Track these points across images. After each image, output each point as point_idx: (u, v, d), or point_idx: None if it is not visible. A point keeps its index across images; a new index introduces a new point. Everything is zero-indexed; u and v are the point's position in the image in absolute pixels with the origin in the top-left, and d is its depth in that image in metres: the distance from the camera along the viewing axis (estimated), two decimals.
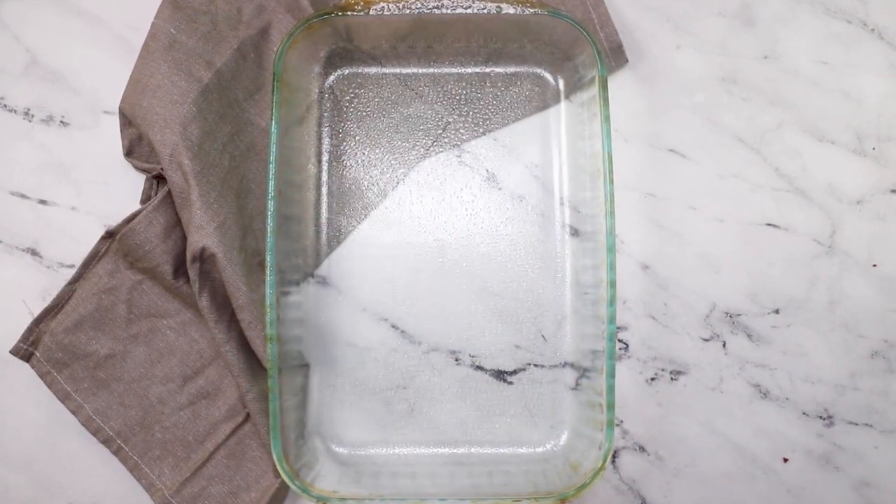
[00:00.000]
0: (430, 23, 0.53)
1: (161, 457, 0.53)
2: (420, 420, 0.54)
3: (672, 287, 0.56)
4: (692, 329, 0.56)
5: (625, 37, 0.57)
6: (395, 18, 0.52)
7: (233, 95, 0.55)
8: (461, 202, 0.56)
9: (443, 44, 0.56)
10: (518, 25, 0.53)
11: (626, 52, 0.57)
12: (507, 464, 0.53)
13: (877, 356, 0.56)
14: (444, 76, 0.57)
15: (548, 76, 0.57)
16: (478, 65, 0.57)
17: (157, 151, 0.51)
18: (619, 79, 0.57)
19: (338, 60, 0.57)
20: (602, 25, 0.56)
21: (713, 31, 0.58)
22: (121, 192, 0.56)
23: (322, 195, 0.56)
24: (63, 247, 0.56)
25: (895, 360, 0.55)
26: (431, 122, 0.57)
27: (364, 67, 0.57)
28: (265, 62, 0.56)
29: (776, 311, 0.56)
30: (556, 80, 0.57)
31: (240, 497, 0.53)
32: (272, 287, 0.49)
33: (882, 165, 0.57)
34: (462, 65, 0.57)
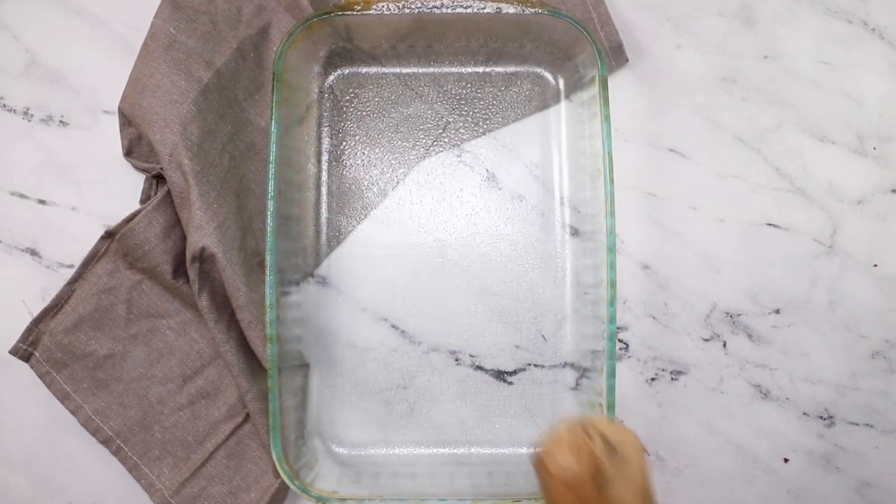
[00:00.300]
0: (430, 23, 0.53)
1: (160, 457, 0.53)
2: (420, 420, 0.54)
3: (672, 287, 0.56)
4: (692, 329, 0.56)
5: (625, 36, 0.57)
6: (395, 18, 0.52)
7: (232, 95, 0.55)
8: (461, 202, 0.56)
9: (443, 44, 0.56)
10: (518, 25, 0.53)
11: (627, 52, 0.57)
12: (507, 464, 0.53)
13: (877, 356, 0.56)
14: (444, 76, 0.57)
15: (548, 76, 0.57)
16: (478, 65, 0.57)
17: (157, 151, 0.51)
18: (620, 78, 0.57)
19: (338, 60, 0.57)
20: (602, 25, 0.56)
21: (713, 31, 0.58)
22: (120, 192, 0.56)
23: (322, 195, 0.56)
24: (62, 247, 0.56)
25: None
26: (431, 122, 0.57)
27: (364, 67, 0.57)
28: (265, 62, 0.56)
29: (777, 311, 0.56)
30: (556, 80, 0.57)
31: (239, 497, 0.53)
32: (272, 287, 0.48)
33: (883, 165, 0.57)
34: (462, 65, 0.57)
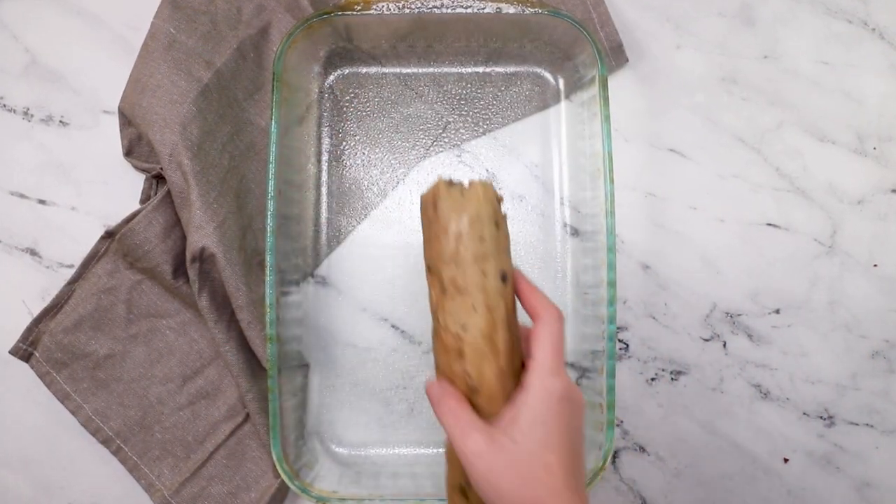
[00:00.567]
0: (430, 23, 0.53)
1: (160, 457, 0.53)
2: (420, 420, 0.54)
3: (672, 287, 0.56)
4: (692, 329, 0.56)
5: (625, 36, 0.57)
6: (395, 18, 0.52)
7: (232, 95, 0.55)
8: None
9: (443, 44, 0.56)
10: (518, 25, 0.53)
11: (627, 52, 0.57)
12: None
13: (877, 356, 0.56)
14: (444, 76, 0.57)
15: (548, 76, 0.57)
16: (478, 65, 0.57)
17: (157, 151, 0.51)
18: (620, 78, 0.57)
19: (338, 60, 0.57)
20: (602, 25, 0.56)
21: (713, 31, 0.58)
22: (120, 192, 0.56)
23: (322, 195, 0.56)
24: (62, 247, 0.56)
25: None
26: (431, 122, 0.57)
27: (364, 67, 0.57)
28: (265, 62, 0.56)
29: (777, 311, 0.56)
30: (556, 80, 0.57)
31: (239, 497, 0.53)
32: (272, 287, 0.48)
33: (883, 165, 0.57)
34: (462, 65, 0.57)
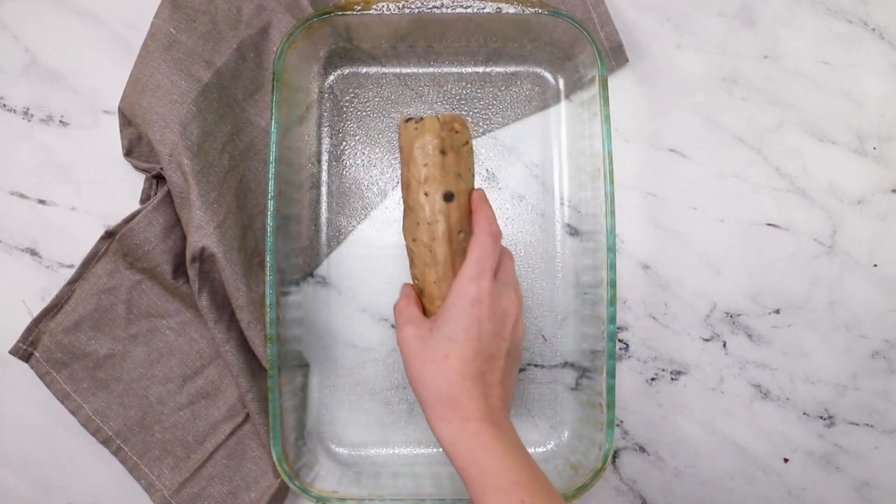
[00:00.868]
0: (430, 23, 0.53)
1: (160, 457, 0.53)
2: (420, 420, 0.54)
3: (672, 287, 0.56)
4: (692, 329, 0.56)
5: (625, 36, 0.57)
6: (395, 18, 0.52)
7: (232, 95, 0.55)
8: None
9: (443, 44, 0.56)
10: (518, 25, 0.53)
11: (627, 52, 0.57)
12: None
13: (877, 356, 0.56)
14: (444, 76, 0.57)
15: (548, 76, 0.57)
16: (478, 65, 0.57)
17: (157, 151, 0.51)
18: (620, 78, 0.57)
19: (338, 60, 0.57)
20: (602, 25, 0.56)
21: (713, 31, 0.58)
22: (120, 192, 0.56)
23: (322, 195, 0.56)
24: (62, 247, 0.56)
25: None
26: None
27: (364, 67, 0.57)
28: (265, 62, 0.56)
29: (777, 312, 0.56)
30: (556, 80, 0.57)
31: (239, 497, 0.53)
32: (272, 287, 0.48)
33: (883, 165, 0.57)
34: (462, 65, 0.57)
